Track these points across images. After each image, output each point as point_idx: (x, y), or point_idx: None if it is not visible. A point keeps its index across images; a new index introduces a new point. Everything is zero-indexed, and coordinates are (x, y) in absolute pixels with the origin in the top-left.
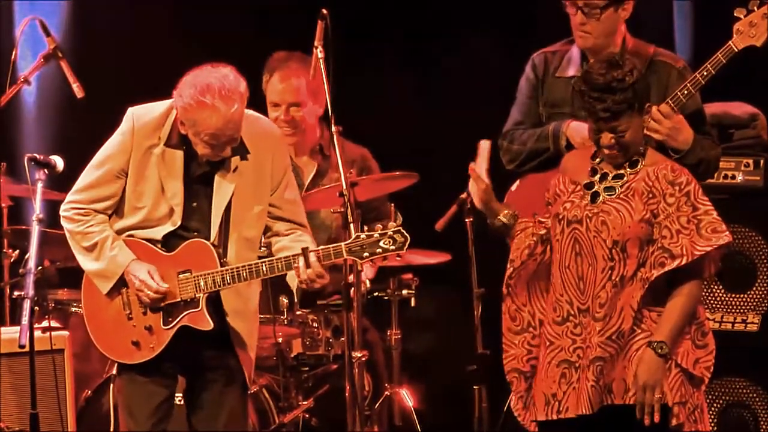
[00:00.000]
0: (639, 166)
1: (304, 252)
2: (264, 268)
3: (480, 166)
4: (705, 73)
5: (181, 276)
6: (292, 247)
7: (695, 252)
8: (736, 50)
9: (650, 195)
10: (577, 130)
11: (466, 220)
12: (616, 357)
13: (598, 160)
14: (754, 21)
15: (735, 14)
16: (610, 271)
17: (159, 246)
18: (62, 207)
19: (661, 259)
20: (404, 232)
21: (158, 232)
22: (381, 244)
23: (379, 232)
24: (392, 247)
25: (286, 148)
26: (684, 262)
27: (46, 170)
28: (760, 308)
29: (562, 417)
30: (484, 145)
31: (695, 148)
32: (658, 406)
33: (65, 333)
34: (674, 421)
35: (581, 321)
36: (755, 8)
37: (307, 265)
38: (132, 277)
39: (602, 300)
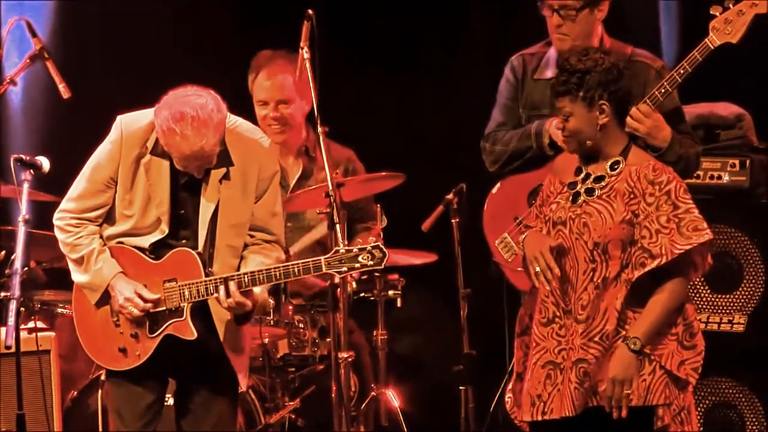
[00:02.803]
0: (621, 167)
1: (225, 281)
2: (246, 280)
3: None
4: (682, 71)
5: (166, 284)
6: (249, 259)
7: (674, 251)
8: (712, 48)
9: (631, 195)
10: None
11: (452, 220)
12: (601, 359)
13: (584, 159)
14: (730, 18)
15: (711, 12)
16: (591, 273)
17: (147, 254)
18: (55, 215)
19: (641, 260)
20: (383, 247)
21: (147, 241)
22: (360, 258)
23: (358, 246)
24: (370, 262)
25: (275, 158)
26: (663, 261)
27: (32, 171)
28: (746, 309)
29: (547, 418)
30: None
31: (673, 146)
32: (627, 402)
33: (51, 334)
34: (659, 423)
35: (565, 323)
36: (731, 6)
37: (227, 294)
38: (116, 293)
39: (584, 302)
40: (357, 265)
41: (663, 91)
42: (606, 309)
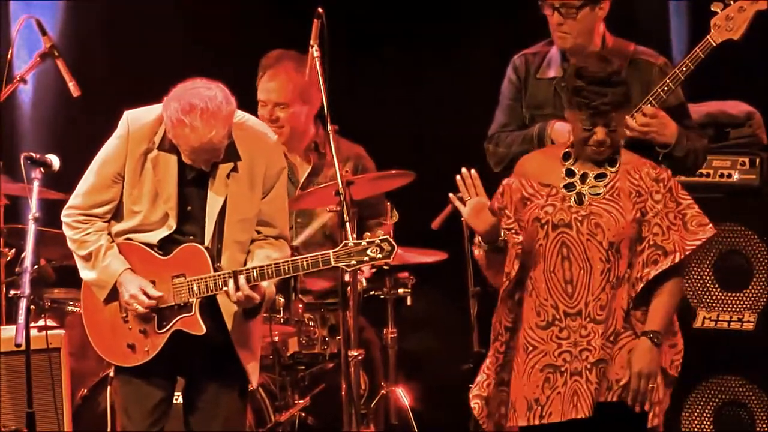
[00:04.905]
0: (617, 165)
1: (234, 274)
2: (255, 274)
3: (480, 192)
4: (684, 69)
5: (175, 280)
6: (255, 253)
7: (686, 248)
8: (713, 45)
9: (637, 194)
10: (561, 131)
11: (462, 218)
12: (614, 357)
13: (571, 160)
14: (731, 15)
15: (712, 8)
16: (607, 273)
17: (155, 249)
18: (63, 212)
19: (654, 257)
20: (391, 240)
21: (155, 236)
22: (368, 252)
23: (367, 240)
24: (379, 256)
25: (282, 155)
26: (677, 258)
27: (42, 169)
28: (756, 307)
29: (545, 422)
30: (469, 174)
31: (681, 141)
32: (651, 396)
33: (61, 332)
34: (655, 422)
35: (568, 325)
36: (731, 2)
37: (237, 287)
38: (123, 289)
39: (602, 302)
40: (366, 258)
41: (666, 89)
42: (615, 309)
